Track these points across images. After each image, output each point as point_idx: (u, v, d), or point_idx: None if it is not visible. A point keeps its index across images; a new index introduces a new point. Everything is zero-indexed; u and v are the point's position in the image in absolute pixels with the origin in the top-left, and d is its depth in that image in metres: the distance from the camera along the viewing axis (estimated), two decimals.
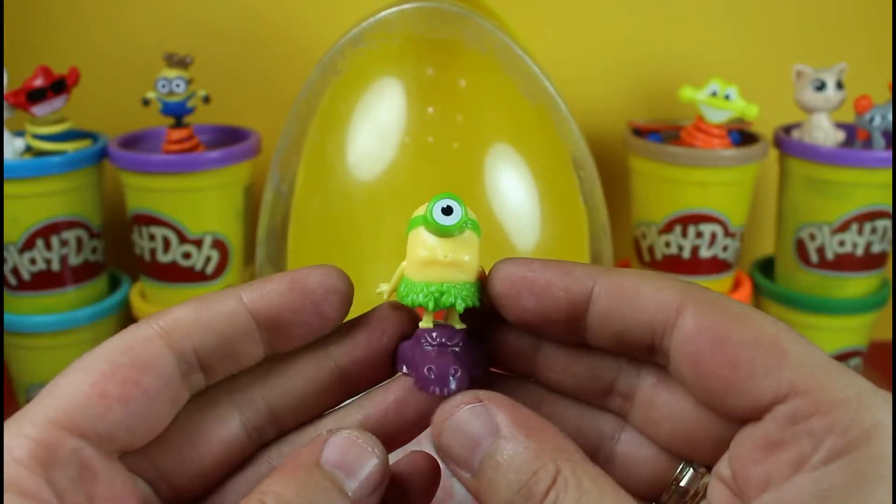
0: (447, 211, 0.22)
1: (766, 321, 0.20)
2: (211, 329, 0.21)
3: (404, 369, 0.23)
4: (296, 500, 0.19)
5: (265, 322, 0.22)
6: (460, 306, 0.22)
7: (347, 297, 0.23)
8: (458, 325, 0.23)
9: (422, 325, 0.23)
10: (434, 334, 0.22)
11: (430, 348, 0.22)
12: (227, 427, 0.22)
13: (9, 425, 0.19)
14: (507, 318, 0.22)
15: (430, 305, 0.22)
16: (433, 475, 0.23)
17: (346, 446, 0.21)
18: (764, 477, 0.19)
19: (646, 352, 0.21)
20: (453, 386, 0.21)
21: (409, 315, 0.23)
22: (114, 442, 0.20)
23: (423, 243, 0.22)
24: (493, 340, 0.24)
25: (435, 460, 0.23)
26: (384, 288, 0.23)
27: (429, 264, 0.22)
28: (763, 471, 0.19)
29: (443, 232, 0.22)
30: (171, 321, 0.21)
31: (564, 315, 0.22)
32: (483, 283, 0.23)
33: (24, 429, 0.19)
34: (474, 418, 0.20)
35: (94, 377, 0.20)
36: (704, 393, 0.20)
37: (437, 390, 0.21)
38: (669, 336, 0.20)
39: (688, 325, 0.20)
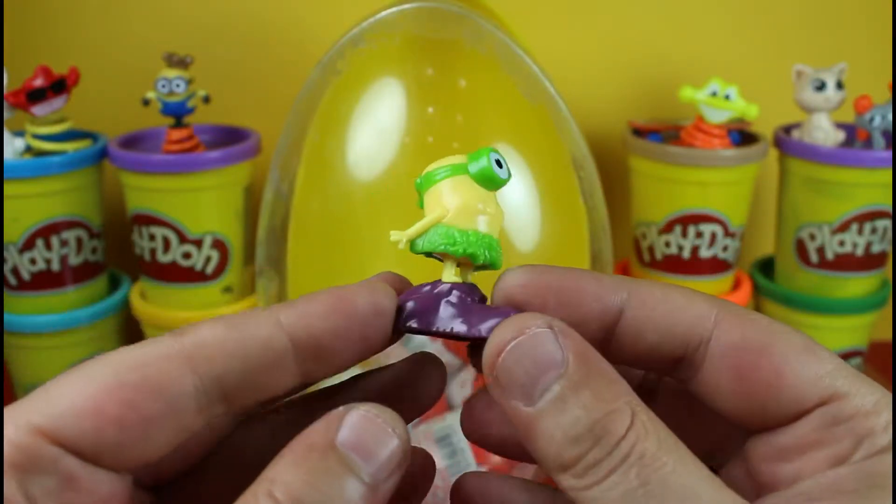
0: (498, 164, 0.21)
1: (795, 332, 0.20)
2: (239, 356, 0.19)
3: (414, 323, 0.21)
4: (306, 492, 0.17)
5: (304, 350, 0.20)
6: (500, 263, 0.21)
7: (392, 318, 0.21)
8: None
9: (446, 278, 0.21)
10: (468, 293, 0.21)
11: (469, 305, 0.21)
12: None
13: None
14: None
15: (481, 256, 0.21)
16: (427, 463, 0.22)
17: (365, 426, 0.18)
18: (795, 472, 0.19)
19: (671, 365, 0.21)
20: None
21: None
22: (98, 460, 0.18)
23: (472, 192, 0.21)
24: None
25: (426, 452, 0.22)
26: (399, 235, 0.21)
27: (479, 214, 0.21)
28: (795, 467, 0.19)
29: (495, 184, 0.21)
30: (197, 342, 0.19)
31: (596, 327, 0.20)
32: None
33: (7, 428, 0.18)
34: (543, 343, 0.18)
35: (94, 388, 0.18)
36: (744, 401, 0.20)
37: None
38: (705, 347, 0.20)
39: (727, 336, 0.20)
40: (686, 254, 0.59)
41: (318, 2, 0.64)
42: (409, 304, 0.21)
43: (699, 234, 0.58)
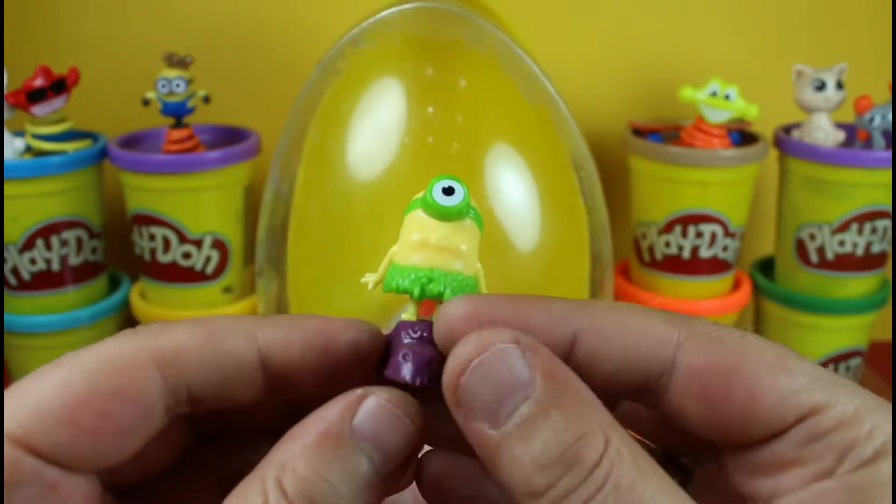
0: (448, 191, 0.20)
1: (765, 345, 0.19)
2: (212, 369, 0.19)
3: (383, 370, 0.20)
4: (314, 482, 0.17)
5: (274, 373, 0.20)
6: (448, 296, 0.20)
7: (371, 363, 0.20)
8: None
9: (405, 317, 0.20)
10: (416, 327, 0.20)
11: (409, 341, 0.20)
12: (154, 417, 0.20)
13: None
14: None
15: (416, 292, 0.20)
16: None
17: (382, 414, 0.18)
18: (775, 486, 0.18)
19: (633, 392, 0.20)
20: (426, 379, 0.19)
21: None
22: (70, 466, 0.18)
23: (417, 225, 0.20)
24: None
25: None
26: (370, 278, 0.21)
27: (420, 248, 0.20)
28: (775, 482, 0.18)
29: (442, 213, 0.20)
30: (172, 349, 0.19)
31: None
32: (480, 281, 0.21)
33: None
34: (510, 361, 0.17)
35: (68, 397, 0.18)
36: (716, 425, 0.19)
37: (410, 378, 0.19)
38: (669, 373, 0.19)
39: (692, 361, 0.19)
40: (686, 254, 0.59)
41: (318, 2, 0.64)
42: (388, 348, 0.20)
43: (699, 234, 0.58)
